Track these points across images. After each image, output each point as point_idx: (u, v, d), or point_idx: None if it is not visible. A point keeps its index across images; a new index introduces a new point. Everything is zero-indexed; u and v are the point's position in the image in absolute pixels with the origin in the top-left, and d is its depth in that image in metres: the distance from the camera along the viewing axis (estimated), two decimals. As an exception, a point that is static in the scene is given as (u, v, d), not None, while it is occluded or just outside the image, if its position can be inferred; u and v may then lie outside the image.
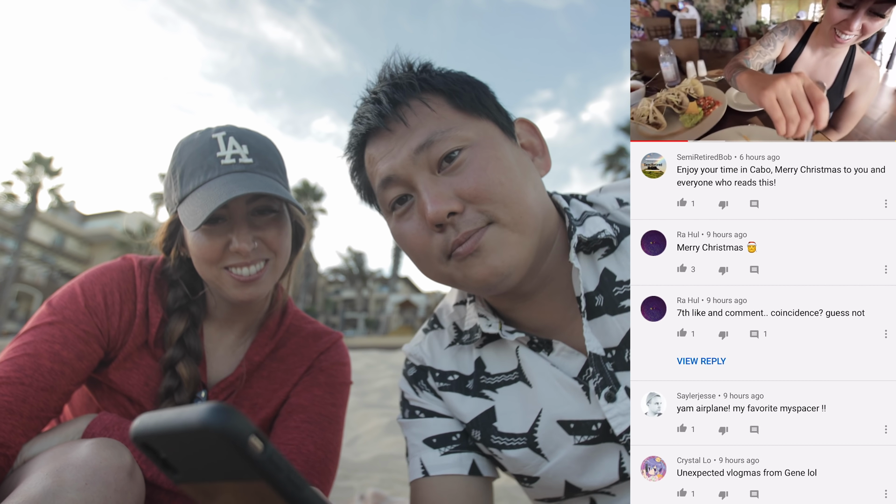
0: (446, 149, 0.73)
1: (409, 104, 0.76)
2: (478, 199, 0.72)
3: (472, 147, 0.74)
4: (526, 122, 0.84)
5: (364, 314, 44.28)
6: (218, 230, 0.94)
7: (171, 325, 1.00)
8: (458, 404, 0.88)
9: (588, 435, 0.79)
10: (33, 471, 0.76)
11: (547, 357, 0.82)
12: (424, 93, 0.77)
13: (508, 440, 0.85)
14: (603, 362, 0.77)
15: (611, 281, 0.79)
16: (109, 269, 1.01)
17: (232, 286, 0.96)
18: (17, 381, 0.85)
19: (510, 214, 0.72)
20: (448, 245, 0.73)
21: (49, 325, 0.92)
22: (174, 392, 0.99)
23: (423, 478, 0.87)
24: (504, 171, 0.73)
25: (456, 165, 0.73)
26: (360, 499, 1.92)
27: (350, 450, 2.96)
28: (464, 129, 0.74)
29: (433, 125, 0.74)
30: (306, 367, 1.11)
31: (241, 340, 1.10)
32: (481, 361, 0.88)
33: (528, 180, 0.76)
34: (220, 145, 0.96)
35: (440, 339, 0.94)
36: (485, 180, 0.72)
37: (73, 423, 0.90)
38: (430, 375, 0.92)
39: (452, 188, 0.72)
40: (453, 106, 0.76)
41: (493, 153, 0.74)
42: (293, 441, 1.01)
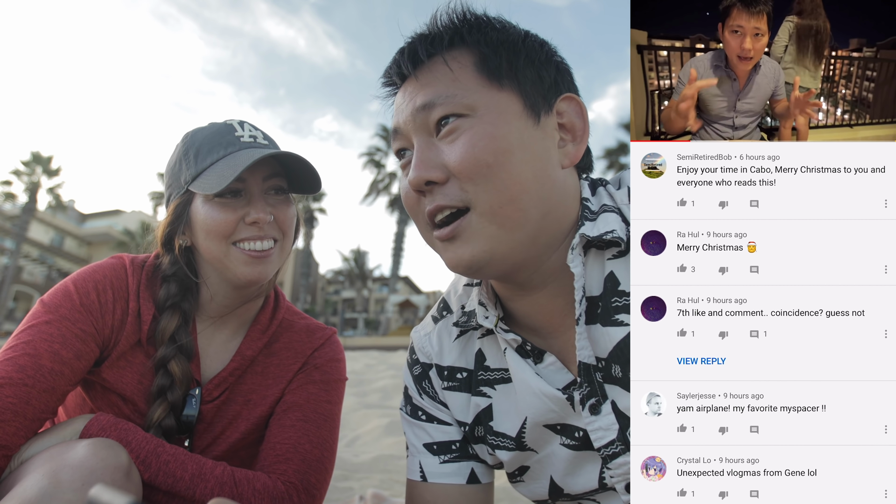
0: (443, 112, 0.69)
1: (429, 61, 0.72)
2: (460, 176, 0.68)
3: (472, 118, 0.69)
4: (576, 100, 0.74)
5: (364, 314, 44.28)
6: (234, 204, 0.98)
7: (162, 322, 1.00)
8: (463, 404, 0.87)
9: (571, 439, 0.77)
10: (30, 472, 0.76)
11: (534, 366, 0.78)
12: (453, 49, 0.72)
13: (501, 440, 0.84)
14: (593, 372, 0.73)
15: (613, 287, 0.73)
16: (101, 267, 1.01)
17: (241, 263, 0.97)
18: (19, 382, 0.84)
19: (490, 202, 0.67)
20: (426, 214, 0.71)
21: (46, 323, 0.91)
22: (167, 390, 0.99)
23: (422, 482, 0.87)
24: (496, 152, 0.67)
25: (449, 132, 0.69)
26: (359, 499, 1.91)
27: (350, 450, 2.95)
28: (473, 96, 0.69)
29: (441, 87, 0.70)
30: (300, 364, 1.11)
31: (234, 336, 1.10)
32: (482, 354, 0.86)
33: (528, 168, 0.68)
34: (237, 128, 1.02)
35: (449, 331, 0.90)
36: (470, 157, 0.67)
37: (69, 424, 0.90)
38: (434, 374, 0.90)
39: (442, 156, 0.69)
40: (477, 69, 0.70)
41: (491, 130, 0.68)
42: (289, 439, 1.00)
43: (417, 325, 0.96)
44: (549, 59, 0.74)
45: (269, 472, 0.97)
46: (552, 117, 0.73)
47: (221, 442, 1.06)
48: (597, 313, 0.73)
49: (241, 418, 1.06)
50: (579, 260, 0.72)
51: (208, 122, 1.05)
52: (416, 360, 0.93)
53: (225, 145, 0.98)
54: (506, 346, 0.80)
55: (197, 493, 0.87)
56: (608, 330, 0.73)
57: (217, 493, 0.88)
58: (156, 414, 0.97)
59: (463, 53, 0.72)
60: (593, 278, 0.74)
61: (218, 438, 1.06)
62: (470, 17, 0.74)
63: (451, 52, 0.72)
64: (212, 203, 0.97)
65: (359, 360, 10.42)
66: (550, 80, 0.73)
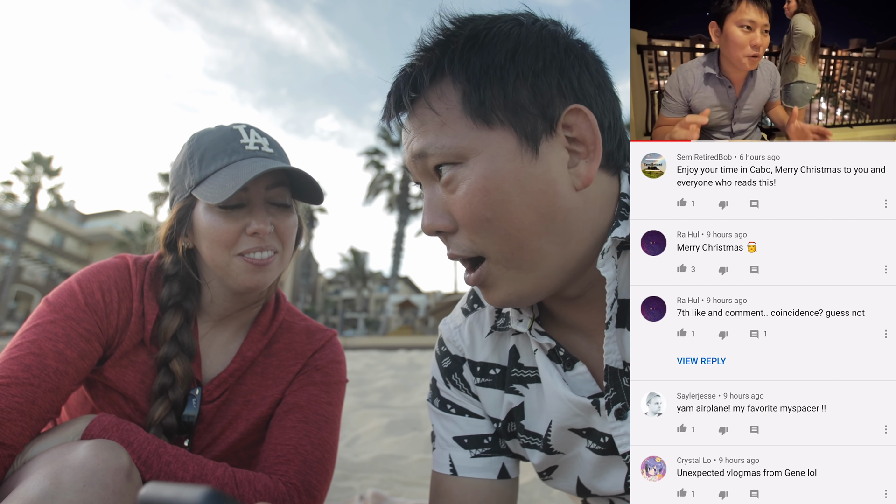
0: (436, 162, 0.68)
1: (414, 106, 0.69)
2: (465, 229, 0.68)
3: (465, 166, 0.65)
4: (584, 112, 0.66)
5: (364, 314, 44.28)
6: (236, 214, 0.98)
7: (164, 321, 1.01)
8: (496, 401, 0.85)
9: (597, 444, 0.77)
10: (31, 472, 0.76)
11: (562, 372, 0.77)
12: (436, 85, 0.67)
13: (532, 439, 0.83)
14: (619, 376, 0.71)
15: None
16: (105, 267, 1.01)
17: (243, 271, 0.98)
18: (25, 381, 0.85)
19: (500, 252, 0.67)
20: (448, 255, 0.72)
21: (51, 322, 0.91)
22: (168, 389, 0.99)
23: (451, 475, 0.86)
24: (492, 205, 0.64)
25: (447, 182, 0.67)
26: (360, 499, 1.91)
27: (350, 450, 2.95)
28: (463, 142, 0.65)
29: (431, 136, 0.67)
30: (301, 366, 1.11)
31: (235, 337, 1.10)
32: (516, 351, 0.84)
33: (531, 210, 0.65)
34: (243, 134, 1.01)
35: (481, 325, 0.87)
36: (469, 213, 0.66)
37: (72, 424, 0.90)
38: (467, 369, 0.87)
39: (447, 205, 0.68)
40: (463, 109, 0.66)
41: (483, 183, 0.64)
42: (290, 441, 1.01)
43: (446, 317, 0.93)
44: (550, 64, 0.66)
45: (270, 473, 0.97)
46: (557, 137, 0.66)
47: (221, 442, 1.06)
48: (628, 317, 0.69)
49: (241, 419, 1.07)
50: (611, 263, 0.68)
51: (216, 125, 1.05)
52: (447, 351, 0.90)
53: (229, 153, 0.98)
54: (537, 348, 0.79)
55: (198, 493, 0.88)
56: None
57: (218, 493, 0.88)
58: (157, 412, 0.97)
59: (448, 89, 0.67)
60: (625, 280, 0.70)
61: (217, 439, 1.06)
62: (453, 39, 0.67)
63: (435, 89, 0.67)
64: (214, 212, 0.98)
65: (359, 360, 10.42)
66: (551, 93, 0.66)
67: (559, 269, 0.69)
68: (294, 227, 1.05)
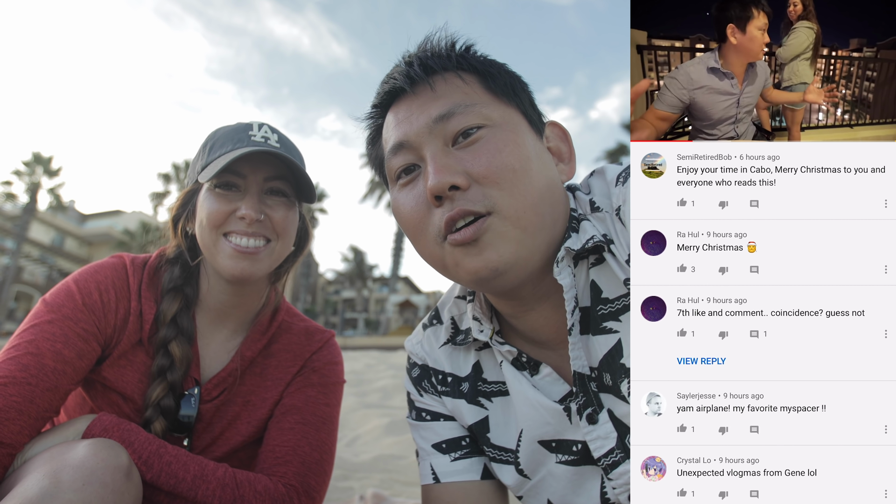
0: (466, 123, 0.70)
1: (442, 73, 0.74)
2: (486, 181, 0.68)
3: (493, 127, 0.71)
4: (558, 126, 0.81)
5: (364, 314, 44.28)
6: (230, 196, 0.99)
7: (164, 305, 1.02)
8: (461, 409, 0.87)
9: (569, 455, 0.77)
10: (31, 471, 0.76)
11: (530, 378, 0.79)
12: (459, 68, 0.75)
13: (499, 453, 0.84)
14: (587, 382, 0.74)
15: (597, 296, 0.75)
16: (103, 267, 1.02)
17: (227, 256, 0.98)
18: (23, 381, 0.85)
19: (514, 207, 0.67)
20: (443, 222, 0.68)
21: (49, 322, 0.91)
22: (166, 371, 0.99)
23: (435, 484, 0.86)
24: (520, 158, 0.69)
25: (471, 142, 0.70)
26: (359, 499, 1.91)
27: (350, 450, 2.95)
28: (490, 108, 0.72)
29: (459, 97, 0.72)
30: (299, 367, 1.12)
31: (234, 336, 1.10)
32: (479, 366, 0.86)
33: (543, 177, 0.71)
34: (254, 127, 1.04)
35: (436, 337, 0.91)
36: (497, 162, 0.68)
37: (72, 424, 0.90)
38: (433, 376, 0.91)
39: (462, 164, 0.69)
40: (485, 86, 0.74)
41: (513, 137, 0.70)
42: (289, 442, 1.01)
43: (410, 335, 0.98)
44: (524, 85, 0.79)
45: (269, 474, 0.97)
46: (545, 140, 0.78)
47: (221, 443, 1.06)
48: (589, 323, 0.75)
49: (241, 420, 1.07)
50: (567, 271, 0.73)
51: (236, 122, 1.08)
52: (414, 363, 0.95)
53: (235, 141, 1.00)
54: (502, 359, 0.81)
55: (199, 494, 0.88)
56: (598, 339, 0.73)
57: (219, 494, 0.89)
58: (155, 392, 0.98)
59: (468, 72, 0.75)
60: (583, 289, 0.76)
61: (217, 439, 1.06)
62: (461, 46, 0.78)
63: (458, 69, 0.75)
64: (211, 193, 1.00)
65: (359, 360, 10.42)
66: (530, 103, 0.78)
67: (547, 246, 0.72)
68: (291, 220, 1.04)
